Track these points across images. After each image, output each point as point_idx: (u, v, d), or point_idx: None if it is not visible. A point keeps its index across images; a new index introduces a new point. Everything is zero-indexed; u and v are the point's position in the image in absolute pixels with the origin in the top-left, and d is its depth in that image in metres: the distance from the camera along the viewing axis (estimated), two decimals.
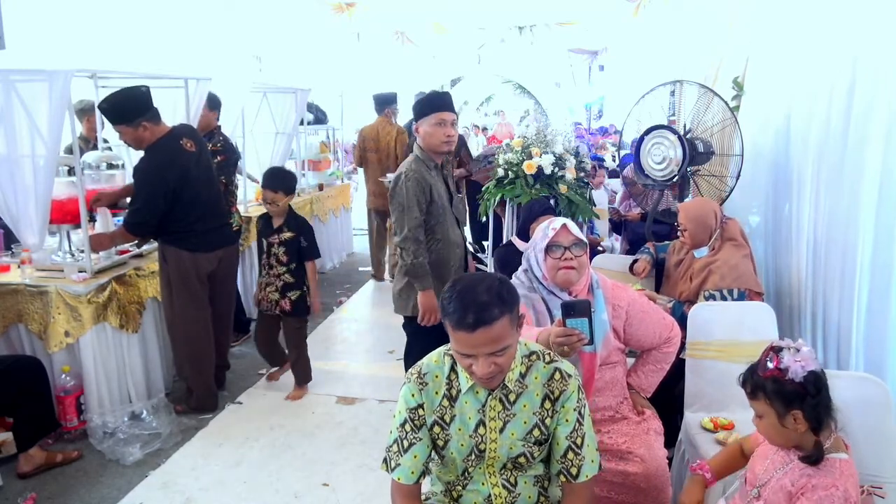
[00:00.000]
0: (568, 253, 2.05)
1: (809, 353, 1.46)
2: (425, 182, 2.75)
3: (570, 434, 1.56)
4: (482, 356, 1.43)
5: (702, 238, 2.78)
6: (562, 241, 2.07)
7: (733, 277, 2.62)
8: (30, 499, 2.61)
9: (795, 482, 1.46)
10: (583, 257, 2.07)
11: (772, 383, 1.46)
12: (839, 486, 1.40)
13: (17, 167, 3.01)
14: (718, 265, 2.66)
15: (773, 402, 1.47)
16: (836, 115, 2.49)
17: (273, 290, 3.56)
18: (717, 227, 2.77)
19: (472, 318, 1.39)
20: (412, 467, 1.56)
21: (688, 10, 5.00)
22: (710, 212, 2.79)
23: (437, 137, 2.77)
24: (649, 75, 5.48)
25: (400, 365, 4.05)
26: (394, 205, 2.78)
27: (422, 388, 1.58)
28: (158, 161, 3.12)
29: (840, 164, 2.46)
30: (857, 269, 2.35)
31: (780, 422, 1.47)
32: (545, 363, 1.60)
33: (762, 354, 1.52)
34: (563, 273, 2.05)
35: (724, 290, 2.61)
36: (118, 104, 3.01)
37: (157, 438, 3.06)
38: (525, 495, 1.62)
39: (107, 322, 3.16)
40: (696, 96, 3.36)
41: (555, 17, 8.25)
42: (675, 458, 2.42)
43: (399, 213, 2.75)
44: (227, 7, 5.15)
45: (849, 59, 2.39)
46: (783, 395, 1.45)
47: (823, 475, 1.43)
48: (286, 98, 5.69)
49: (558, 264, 2.06)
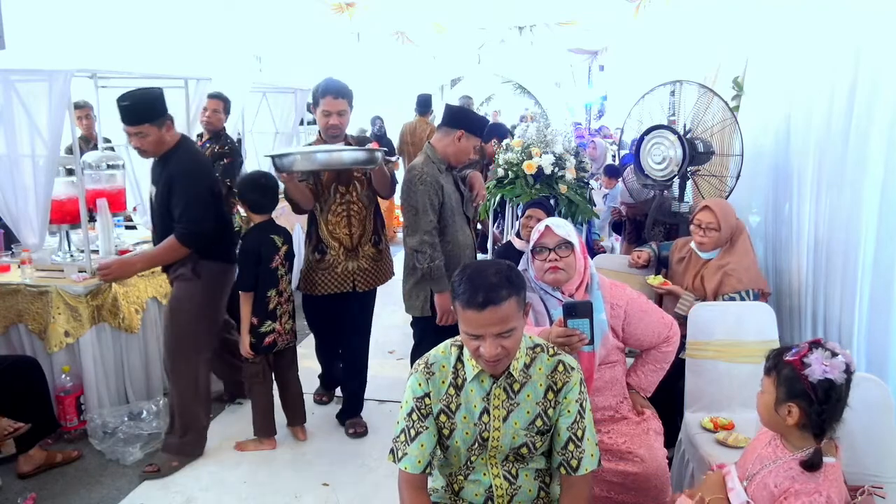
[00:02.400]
0: (553, 254, 2.07)
1: (840, 364, 1.42)
2: (437, 184, 2.79)
3: (572, 425, 1.58)
4: (490, 337, 1.47)
5: (724, 238, 2.72)
6: (547, 242, 2.09)
7: (749, 279, 2.62)
8: (30, 499, 2.61)
9: (779, 484, 1.45)
10: (569, 258, 2.07)
11: (787, 369, 1.46)
12: (822, 493, 1.39)
13: (17, 167, 3.01)
14: (733, 268, 2.64)
15: (778, 385, 1.47)
16: (837, 112, 2.48)
17: (288, 318, 3.06)
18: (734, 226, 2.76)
19: (482, 298, 1.44)
20: (419, 456, 1.58)
21: (688, 10, 5.00)
22: (732, 210, 2.77)
23: (465, 153, 2.91)
24: (649, 75, 5.48)
25: (400, 365, 4.06)
26: (407, 206, 2.80)
27: (429, 378, 1.61)
28: (199, 160, 2.88)
29: (842, 163, 2.46)
30: (859, 269, 2.35)
31: (774, 406, 1.48)
32: (549, 355, 1.63)
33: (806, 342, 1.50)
34: (550, 274, 2.07)
35: (742, 291, 2.60)
36: (146, 101, 2.66)
37: (157, 438, 3.06)
38: (525, 488, 1.64)
39: (106, 322, 3.16)
40: (696, 96, 3.36)
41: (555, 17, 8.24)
42: (675, 458, 2.42)
43: (413, 216, 2.77)
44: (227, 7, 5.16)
45: (850, 55, 2.38)
46: (790, 385, 1.45)
47: (807, 479, 1.42)
48: (286, 98, 5.69)
49: (544, 266, 2.08)
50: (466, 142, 2.88)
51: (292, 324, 3.07)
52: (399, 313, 4.07)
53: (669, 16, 5.62)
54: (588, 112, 11.13)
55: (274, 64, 6.64)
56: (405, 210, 2.82)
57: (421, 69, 11.12)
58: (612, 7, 7.02)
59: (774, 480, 1.46)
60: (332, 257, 3.05)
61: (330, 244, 3.04)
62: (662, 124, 3.30)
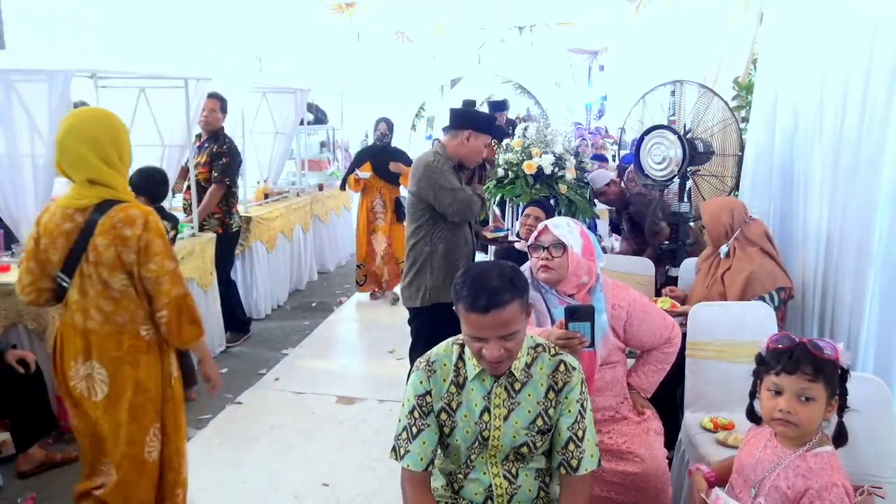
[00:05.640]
0: (545, 253, 2.07)
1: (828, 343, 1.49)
2: (453, 171, 2.89)
3: (572, 425, 1.58)
4: (493, 339, 1.47)
5: (716, 235, 2.75)
6: (542, 240, 2.10)
7: (772, 282, 2.60)
8: (30, 499, 2.61)
9: (791, 484, 1.45)
10: (562, 258, 2.06)
11: (829, 367, 1.45)
12: (838, 483, 1.41)
13: (17, 167, 3.01)
14: (756, 273, 2.61)
15: (827, 385, 1.45)
16: (851, 108, 2.43)
17: None
18: (736, 226, 2.71)
19: (485, 301, 1.44)
20: (421, 453, 1.58)
21: (688, 10, 5.00)
22: (725, 210, 2.74)
23: (477, 152, 2.97)
24: (649, 75, 5.47)
25: (400, 365, 4.05)
26: (435, 187, 2.82)
27: (430, 376, 1.61)
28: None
29: (854, 161, 2.41)
30: (871, 269, 2.33)
31: (825, 407, 1.47)
32: (551, 355, 1.63)
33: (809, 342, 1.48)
34: (542, 273, 2.08)
35: (765, 296, 2.59)
36: None
37: None
38: (525, 488, 1.64)
39: None
40: (697, 96, 3.36)
41: (555, 17, 8.24)
42: (675, 458, 2.42)
43: (446, 191, 2.82)
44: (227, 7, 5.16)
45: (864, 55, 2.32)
46: (833, 381, 1.45)
47: (818, 474, 1.43)
48: (286, 98, 5.69)
49: (538, 263, 2.09)
50: (476, 141, 2.92)
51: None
52: (399, 313, 4.07)
53: (669, 16, 5.61)
54: (588, 112, 11.13)
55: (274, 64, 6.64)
56: (434, 190, 2.82)
57: (421, 69, 11.11)
58: (612, 7, 7.03)
59: (785, 482, 1.46)
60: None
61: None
62: (662, 124, 3.29)
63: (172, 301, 2.02)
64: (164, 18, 4.44)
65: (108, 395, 2.03)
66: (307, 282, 5.90)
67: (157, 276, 2.00)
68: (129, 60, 3.97)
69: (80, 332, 2.02)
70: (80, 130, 1.96)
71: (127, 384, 2.03)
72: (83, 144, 1.95)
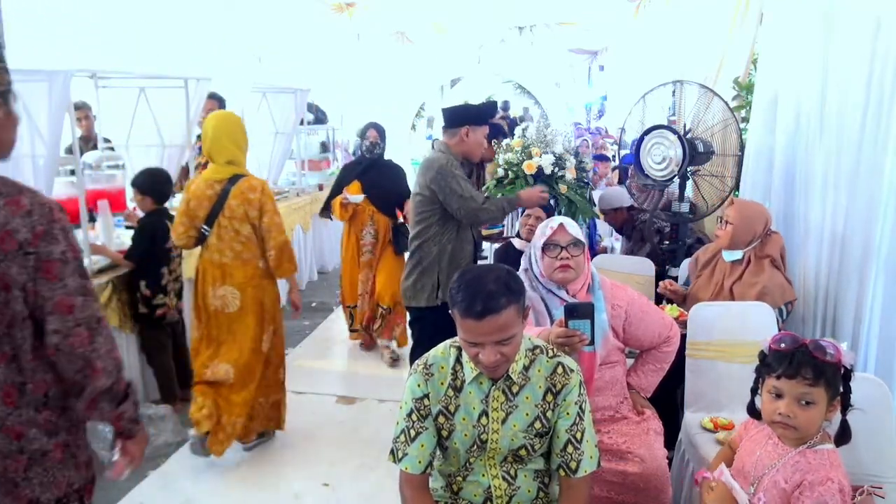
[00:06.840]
0: (564, 252, 2.06)
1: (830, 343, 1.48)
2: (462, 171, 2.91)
3: (571, 428, 1.58)
4: (489, 344, 1.46)
5: (742, 239, 2.65)
6: (559, 240, 2.08)
7: (784, 296, 2.58)
8: None
9: (789, 479, 1.46)
10: (580, 257, 2.07)
11: (831, 370, 1.45)
12: (833, 479, 1.41)
13: (17, 167, 3.01)
14: (769, 287, 2.58)
15: (828, 388, 1.45)
16: (851, 107, 2.41)
17: (174, 295, 3.42)
18: (762, 237, 2.66)
19: (480, 307, 1.42)
20: (419, 456, 1.58)
21: (688, 10, 5.00)
22: (760, 219, 2.66)
23: (479, 145, 3.01)
24: (649, 75, 5.47)
25: (400, 364, 4.05)
26: (445, 190, 2.82)
27: (427, 379, 1.61)
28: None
29: (856, 161, 2.40)
30: (872, 271, 2.32)
31: (826, 409, 1.47)
32: (548, 357, 1.62)
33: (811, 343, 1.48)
34: (560, 272, 2.06)
35: (781, 306, 2.57)
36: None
37: (158, 438, 3.05)
38: (524, 489, 1.64)
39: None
40: (697, 96, 3.36)
41: (555, 17, 8.25)
42: (675, 458, 2.42)
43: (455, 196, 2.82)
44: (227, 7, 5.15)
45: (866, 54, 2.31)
46: (835, 384, 1.45)
47: (815, 469, 1.44)
48: (286, 98, 5.69)
49: (555, 263, 2.07)
50: (475, 134, 2.94)
51: (177, 301, 3.44)
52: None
53: (669, 16, 5.61)
54: (588, 112, 11.13)
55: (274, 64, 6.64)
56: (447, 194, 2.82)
57: (421, 69, 11.11)
58: (612, 7, 7.03)
59: (784, 476, 1.47)
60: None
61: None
62: (662, 124, 3.29)
63: (278, 245, 2.81)
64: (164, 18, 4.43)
65: (241, 308, 2.84)
66: (307, 282, 5.90)
67: (269, 227, 2.78)
68: (129, 60, 3.97)
69: (218, 265, 2.81)
70: (223, 127, 2.76)
71: (252, 300, 2.85)
72: (225, 137, 2.75)
